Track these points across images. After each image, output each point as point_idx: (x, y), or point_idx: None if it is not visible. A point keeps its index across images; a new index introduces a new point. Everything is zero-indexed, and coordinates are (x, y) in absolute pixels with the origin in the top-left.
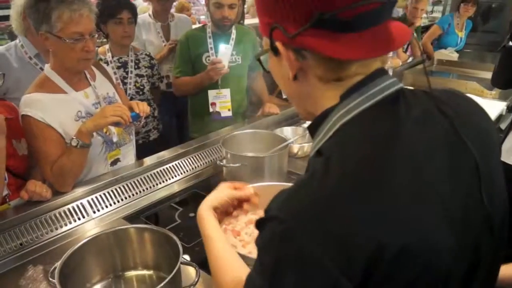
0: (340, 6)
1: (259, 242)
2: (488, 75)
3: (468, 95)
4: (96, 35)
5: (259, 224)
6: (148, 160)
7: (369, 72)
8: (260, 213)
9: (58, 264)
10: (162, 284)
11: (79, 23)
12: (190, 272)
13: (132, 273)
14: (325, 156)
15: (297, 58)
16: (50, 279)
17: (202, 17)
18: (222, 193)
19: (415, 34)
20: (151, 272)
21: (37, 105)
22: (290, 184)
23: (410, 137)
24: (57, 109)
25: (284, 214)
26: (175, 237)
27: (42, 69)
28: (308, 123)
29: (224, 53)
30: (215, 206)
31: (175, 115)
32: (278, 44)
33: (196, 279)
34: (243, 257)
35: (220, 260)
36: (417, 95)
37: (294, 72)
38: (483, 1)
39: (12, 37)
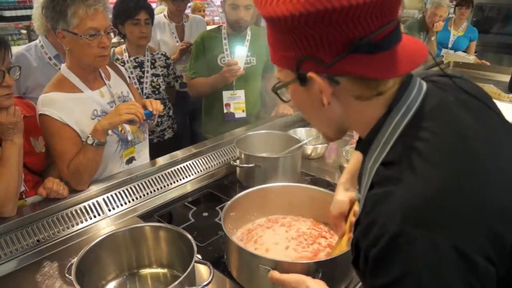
0: (373, 30)
1: (392, 274)
2: (505, 77)
3: None
4: (111, 33)
5: (381, 254)
6: (163, 160)
7: (402, 79)
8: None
9: (74, 260)
10: (176, 283)
11: (94, 18)
12: (203, 271)
13: (146, 270)
14: (402, 162)
15: (331, 84)
16: (67, 275)
17: (216, 18)
18: None
19: (432, 38)
20: (165, 270)
21: (54, 104)
22: (302, 185)
23: (469, 121)
24: (74, 108)
25: (411, 225)
26: (189, 236)
27: None
28: None
29: (240, 55)
30: None
31: (188, 114)
32: (311, 74)
33: (210, 278)
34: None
35: None
36: (447, 85)
37: (328, 98)
38: (502, 3)
39: (30, 38)
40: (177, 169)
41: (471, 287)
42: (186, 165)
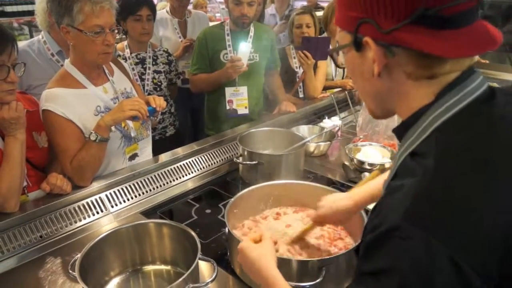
0: (445, 2)
1: (380, 263)
2: (508, 76)
3: None
4: (116, 30)
5: (374, 242)
6: (165, 156)
7: (462, 69)
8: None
9: (78, 256)
10: (180, 280)
11: (100, 16)
12: (206, 268)
13: (150, 267)
14: (429, 156)
15: (386, 54)
16: (70, 271)
17: (218, 15)
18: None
19: None
20: (168, 267)
21: (58, 100)
22: (305, 182)
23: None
24: (77, 104)
25: (411, 222)
26: (193, 233)
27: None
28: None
29: (244, 51)
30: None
31: (190, 111)
32: (367, 39)
33: (214, 275)
34: None
35: None
36: (507, 93)
37: (380, 68)
38: (504, 1)
39: (32, 33)
40: (180, 166)
41: None
42: (189, 162)
